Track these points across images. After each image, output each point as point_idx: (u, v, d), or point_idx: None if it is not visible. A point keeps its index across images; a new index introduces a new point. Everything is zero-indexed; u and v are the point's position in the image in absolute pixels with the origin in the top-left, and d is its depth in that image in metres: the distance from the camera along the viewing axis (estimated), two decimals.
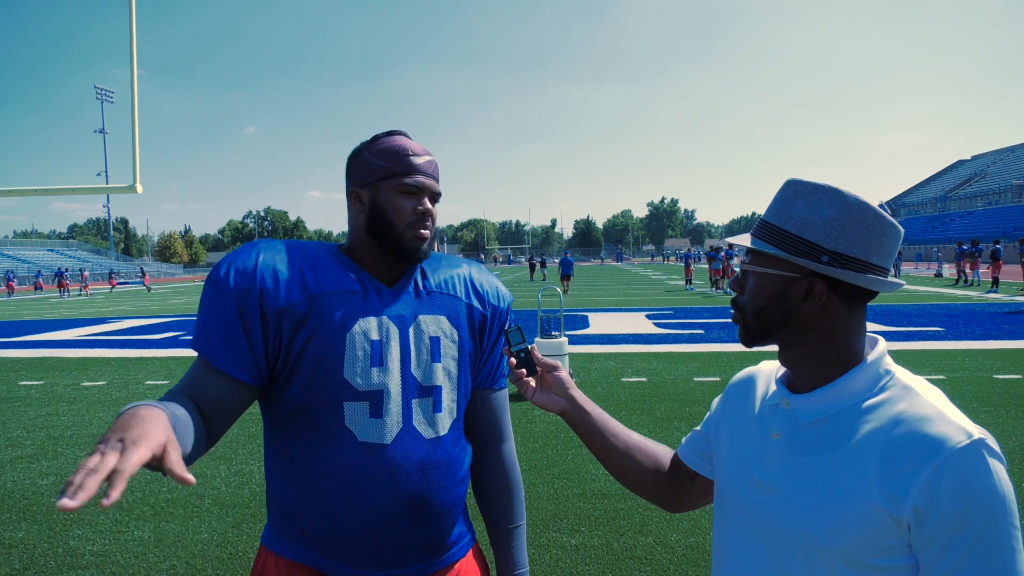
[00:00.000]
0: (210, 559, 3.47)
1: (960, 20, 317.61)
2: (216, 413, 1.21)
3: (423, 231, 1.29)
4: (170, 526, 3.89)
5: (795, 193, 0.95)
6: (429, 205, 1.30)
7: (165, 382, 8.40)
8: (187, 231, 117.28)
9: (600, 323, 14.10)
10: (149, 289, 37.82)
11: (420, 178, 1.28)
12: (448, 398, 1.32)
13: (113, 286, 39.68)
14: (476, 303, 1.39)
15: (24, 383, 8.59)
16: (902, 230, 0.94)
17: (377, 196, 1.28)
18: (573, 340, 10.88)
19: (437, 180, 1.33)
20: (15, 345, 12.86)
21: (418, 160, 1.29)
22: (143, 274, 42.06)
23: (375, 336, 1.25)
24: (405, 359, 1.27)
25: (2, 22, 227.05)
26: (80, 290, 36.79)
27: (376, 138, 1.32)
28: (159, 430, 0.86)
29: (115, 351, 11.52)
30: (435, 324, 1.32)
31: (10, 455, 5.39)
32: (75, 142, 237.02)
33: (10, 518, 4.06)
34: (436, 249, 1.40)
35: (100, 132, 73.99)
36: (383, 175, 1.28)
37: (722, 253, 22.95)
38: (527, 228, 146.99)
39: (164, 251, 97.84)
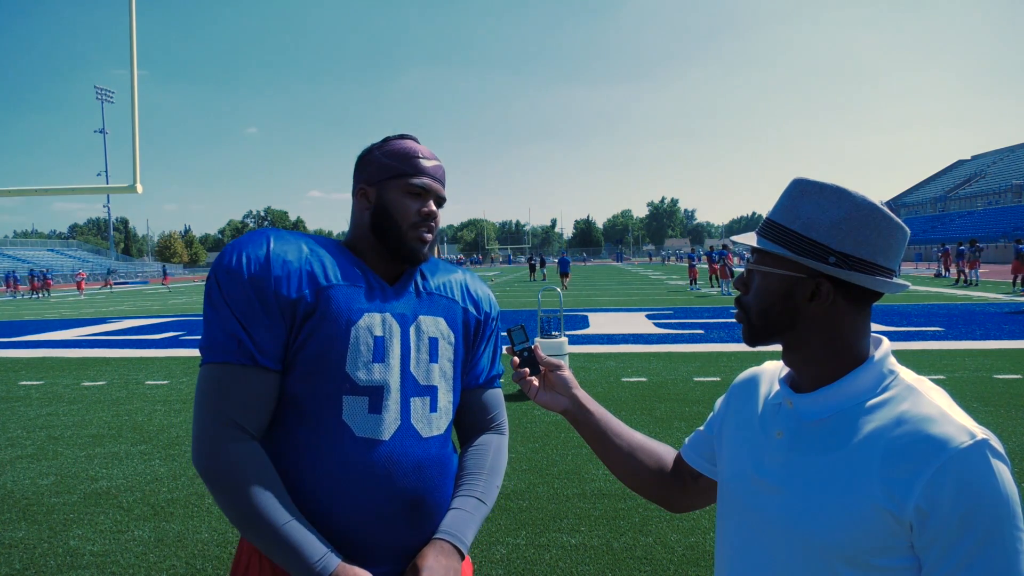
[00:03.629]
0: (210, 559, 3.46)
1: (960, 19, 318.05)
2: (263, 420, 1.21)
3: (426, 234, 1.33)
4: (170, 526, 3.89)
5: (802, 193, 0.94)
6: (434, 208, 1.34)
7: (165, 382, 8.39)
8: (187, 231, 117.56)
9: (600, 323, 14.09)
10: (169, 289, 38.17)
11: (427, 180, 1.33)
12: (444, 399, 1.34)
13: (81, 289, 35.92)
14: (471, 308, 1.43)
15: (24, 383, 8.58)
16: (909, 231, 0.93)
17: (384, 195, 1.32)
18: (573, 340, 10.88)
19: (443, 185, 1.38)
20: (15, 345, 12.86)
21: (426, 163, 1.34)
22: (164, 274, 43.76)
23: (378, 332, 1.26)
24: (405, 357, 1.29)
25: (2, 22, 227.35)
26: (76, 289, 36.67)
27: (387, 140, 1.37)
28: None
29: (115, 351, 11.51)
30: (434, 325, 1.34)
31: (10, 455, 5.39)
32: (75, 142, 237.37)
33: (10, 518, 4.06)
34: (436, 252, 1.44)
35: (100, 132, 73.99)
36: (391, 174, 1.32)
37: (715, 253, 23.23)
38: (527, 228, 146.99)
39: (164, 251, 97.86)
